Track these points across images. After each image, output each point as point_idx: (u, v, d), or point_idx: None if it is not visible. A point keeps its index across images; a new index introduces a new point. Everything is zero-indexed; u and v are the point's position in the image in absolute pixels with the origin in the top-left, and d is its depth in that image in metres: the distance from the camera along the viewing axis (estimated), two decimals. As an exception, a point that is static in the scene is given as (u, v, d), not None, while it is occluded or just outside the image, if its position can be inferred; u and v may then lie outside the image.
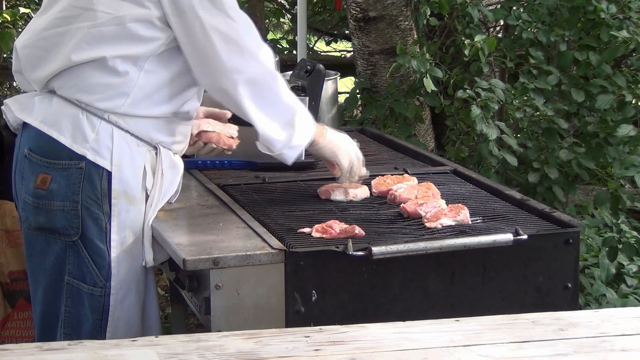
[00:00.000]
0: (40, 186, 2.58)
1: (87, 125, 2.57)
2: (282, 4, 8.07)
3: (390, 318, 2.23)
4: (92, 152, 2.56)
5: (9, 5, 7.21)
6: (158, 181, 2.64)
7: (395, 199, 2.84)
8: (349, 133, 3.87)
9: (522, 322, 2.06)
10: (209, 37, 2.55)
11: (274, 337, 1.96)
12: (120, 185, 2.59)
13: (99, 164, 2.57)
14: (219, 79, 2.60)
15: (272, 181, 3.08)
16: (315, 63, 3.46)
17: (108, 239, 2.59)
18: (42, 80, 2.63)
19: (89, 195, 2.57)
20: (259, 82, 2.63)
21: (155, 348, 1.88)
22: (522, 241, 2.54)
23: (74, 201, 2.57)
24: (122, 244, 2.60)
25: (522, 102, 4.31)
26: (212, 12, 2.55)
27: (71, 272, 2.60)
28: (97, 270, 2.59)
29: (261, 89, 2.63)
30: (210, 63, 2.58)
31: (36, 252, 2.66)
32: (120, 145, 2.58)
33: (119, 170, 2.58)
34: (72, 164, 2.56)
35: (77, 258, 2.59)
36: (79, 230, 2.58)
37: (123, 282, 2.61)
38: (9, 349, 1.89)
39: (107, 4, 2.55)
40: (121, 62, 2.56)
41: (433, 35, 4.90)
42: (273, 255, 2.43)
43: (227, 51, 2.57)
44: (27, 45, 2.66)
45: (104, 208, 2.58)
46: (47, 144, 2.58)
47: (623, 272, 4.40)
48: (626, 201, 4.23)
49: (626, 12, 4.37)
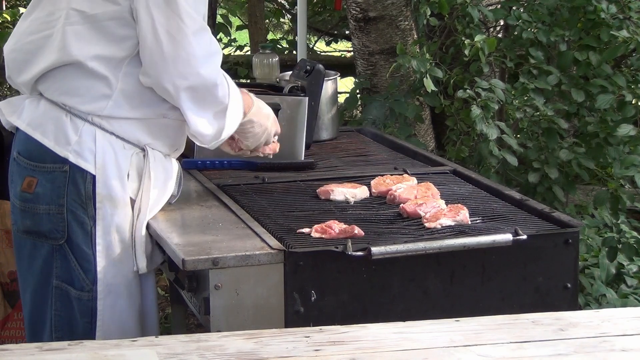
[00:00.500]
0: (26, 189, 2.57)
1: (70, 127, 2.55)
2: (282, 4, 8.08)
3: (390, 318, 2.23)
4: (75, 154, 2.55)
5: (9, 5, 7.22)
6: (145, 184, 2.61)
7: (394, 199, 2.84)
8: (349, 133, 3.91)
9: (522, 322, 2.06)
10: (157, 37, 2.50)
11: (274, 337, 1.96)
12: (104, 189, 2.56)
13: (82, 167, 2.55)
14: (162, 80, 2.54)
15: (271, 181, 3.08)
16: (315, 63, 3.46)
17: (94, 243, 2.57)
18: (27, 83, 2.62)
19: (73, 198, 2.55)
20: (201, 90, 2.56)
21: (155, 348, 1.88)
22: (521, 241, 2.54)
23: (59, 204, 2.55)
24: (108, 248, 2.58)
25: (522, 102, 4.31)
26: (165, 12, 2.50)
27: (59, 275, 2.59)
28: (84, 274, 2.57)
29: (202, 95, 2.57)
30: (157, 63, 2.53)
31: (24, 256, 2.64)
32: (104, 148, 2.56)
33: (102, 173, 2.56)
34: (56, 167, 2.55)
35: (64, 261, 2.58)
36: (64, 234, 2.56)
37: (111, 287, 2.59)
38: (9, 349, 1.89)
39: (81, 3, 2.53)
40: (99, 64, 2.53)
41: (433, 35, 4.90)
42: (272, 255, 2.43)
43: (173, 55, 2.51)
44: (14, 50, 2.64)
45: (89, 212, 2.56)
46: (33, 147, 2.57)
47: (623, 272, 4.40)
48: (626, 201, 4.22)
49: (626, 12, 4.37)
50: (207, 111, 2.60)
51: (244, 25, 8.16)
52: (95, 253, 2.57)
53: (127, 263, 2.61)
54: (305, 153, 3.35)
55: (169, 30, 2.50)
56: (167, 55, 2.51)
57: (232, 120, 2.66)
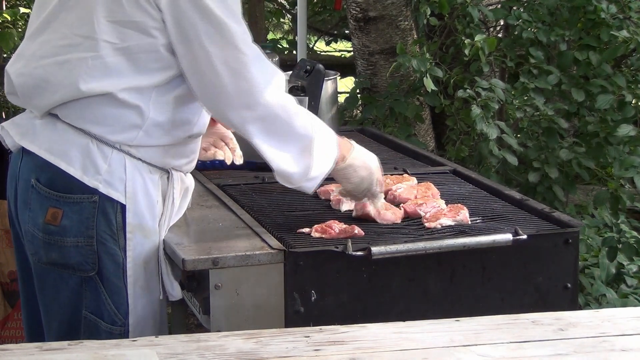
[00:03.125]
0: (51, 222, 2.41)
1: (99, 155, 2.41)
2: (282, 4, 8.08)
3: (390, 318, 2.23)
4: (105, 184, 2.41)
5: (9, 5, 7.21)
6: (169, 208, 2.52)
7: (394, 199, 2.84)
8: (349, 133, 3.90)
9: (522, 322, 2.06)
10: (216, 70, 2.37)
11: (274, 337, 1.96)
12: (135, 219, 2.44)
13: (113, 197, 2.41)
14: (227, 114, 2.44)
15: (271, 181, 3.07)
16: (315, 63, 3.46)
17: (125, 275, 2.45)
18: (42, 108, 2.46)
19: (104, 230, 2.42)
20: (269, 118, 2.44)
21: (155, 348, 1.88)
22: (521, 241, 2.54)
23: (89, 236, 2.42)
24: (138, 279, 2.47)
25: (522, 102, 4.32)
26: (220, 43, 2.37)
27: (88, 306, 2.46)
28: (115, 309, 2.45)
29: (271, 124, 2.45)
30: (218, 97, 2.42)
31: (49, 286, 2.49)
32: (134, 175, 2.43)
33: (133, 202, 2.44)
34: (84, 198, 2.40)
35: (94, 293, 2.45)
36: (95, 266, 2.43)
37: (140, 318, 2.48)
38: (9, 349, 1.89)
39: (111, 33, 2.37)
40: (129, 95, 2.39)
41: (433, 35, 4.90)
42: (272, 255, 2.43)
43: (235, 87, 2.39)
44: (22, 74, 2.47)
45: (119, 243, 2.43)
46: (56, 176, 2.41)
47: (623, 272, 4.40)
48: (626, 201, 4.23)
49: (626, 12, 4.37)
50: (288, 144, 2.47)
51: (244, 25, 8.15)
52: (126, 285, 2.45)
53: (155, 292, 2.50)
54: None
55: (227, 61, 2.38)
56: (229, 87, 2.39)
57: (321, 157, 2.50)
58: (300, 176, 2.51)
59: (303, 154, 2.49)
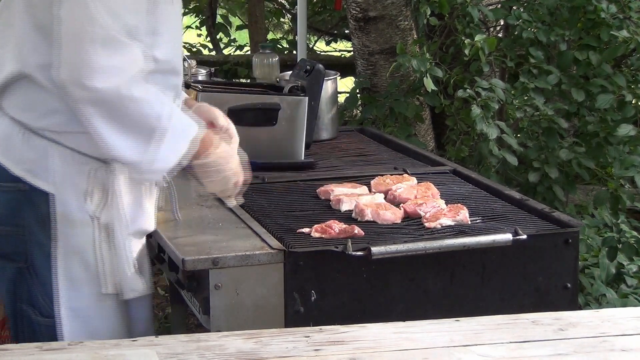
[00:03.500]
0: None
1: (25, 144, 2.36)
2: (282, 4, 8.09)
3: (390, 318, 2.23)
4: (31, 173, 2.36)
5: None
6: (111, 201, 2.38)
7: (394, 199, 2.84)
8: (348, 133, 3.91)
9: (522, 322, 2.06)
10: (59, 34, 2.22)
11: (274, 337, 1.96)
12: (61, 208, 2.36)
13: (39, 186, 2.36)
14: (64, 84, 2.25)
15: (271, 181, 3.08)
16: (315, 63, 3.47)
17: (54, 266, 2.38)
18: None
19: (32, 219, 2.37)
20: (107, 103, 2.26)
21: (155, 348, 1.88)
22: (521, 241, 2.54)
23: (17, 225, 2.38)
24: (70, 270, 2.38)
25: (522, 102, 4.32)
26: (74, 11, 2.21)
27: (23, 298, 2.43)
28: (46, 299, 2.40)
29: (110, 110, 2.27)
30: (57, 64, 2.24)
31: None
32: (61, 165, 2.36)
33: (59, 191, 2.36)
34: (12, 187, 2.37)
35: (28, 285, 2.41)
36: (26, 257, 2.39)
37: (77, 311, 2.40)
38: (9, 349, 1.89)
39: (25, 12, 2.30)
40: (42, 74, 2.28)
41: (433, 35, 4.90)
42: (272, 255, 2.43)
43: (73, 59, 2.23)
44: None
45: (47, 232, 2.37)
46: None
47: (623, 272, 4.40)
48: (626, 201, 4.23)
49: (626, 12, 4.37)
50: (130, 130, 2.30)
51: (244, 25, 8.17)
52: (56, 276, 2.39)
53: (93, 285, 2.40)
54: (305, 153, 3.35)
55: (73, 30, 2.22)
56: (67, 57, 2.23)
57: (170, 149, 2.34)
58: (145, 167, 2.35)
59: (146, 144, 2.31)
